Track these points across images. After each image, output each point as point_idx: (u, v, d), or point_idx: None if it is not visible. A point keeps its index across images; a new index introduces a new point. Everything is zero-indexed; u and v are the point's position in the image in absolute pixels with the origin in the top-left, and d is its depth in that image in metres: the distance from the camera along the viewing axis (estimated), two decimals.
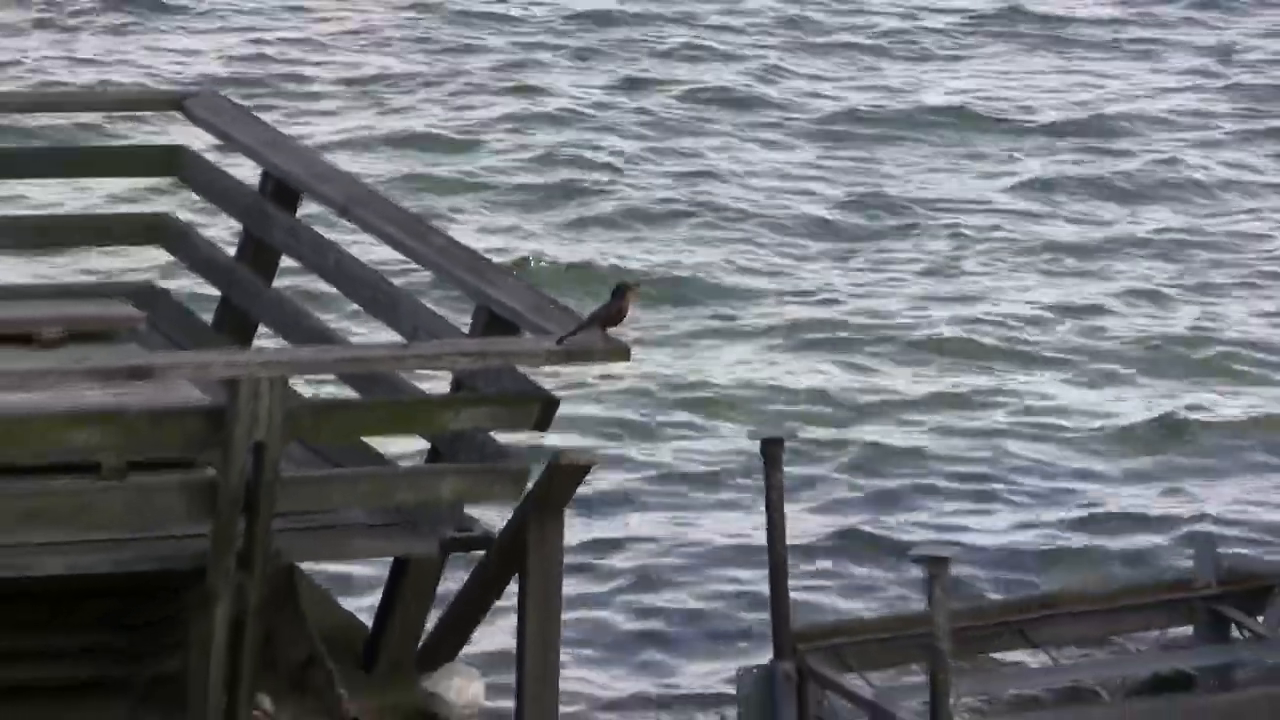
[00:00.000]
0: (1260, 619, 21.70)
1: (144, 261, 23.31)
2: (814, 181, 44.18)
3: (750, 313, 35.47)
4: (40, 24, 50.05)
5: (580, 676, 20.97)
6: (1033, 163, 46.21)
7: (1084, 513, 30.26)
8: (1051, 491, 30.97)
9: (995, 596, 24.61)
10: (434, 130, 45.55)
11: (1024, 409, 33.11)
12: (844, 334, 35.80)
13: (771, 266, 38.65)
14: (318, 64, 49.99)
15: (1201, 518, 27.39)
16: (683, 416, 31.50)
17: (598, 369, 19.31)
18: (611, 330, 18.09)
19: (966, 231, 41.53)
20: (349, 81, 49.23)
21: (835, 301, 37.27)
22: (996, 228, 41.91)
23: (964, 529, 29.17)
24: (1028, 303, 37.59)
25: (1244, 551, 24.57)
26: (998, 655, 21.94)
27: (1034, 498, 30.71)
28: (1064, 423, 32.78)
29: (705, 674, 26.12)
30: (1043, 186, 44.69)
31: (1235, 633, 21.88)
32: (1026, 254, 40.43)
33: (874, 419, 32.54)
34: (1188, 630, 22.18)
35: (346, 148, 42.59)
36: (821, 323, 36.21)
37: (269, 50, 50.73)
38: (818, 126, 48.00)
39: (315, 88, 48.47)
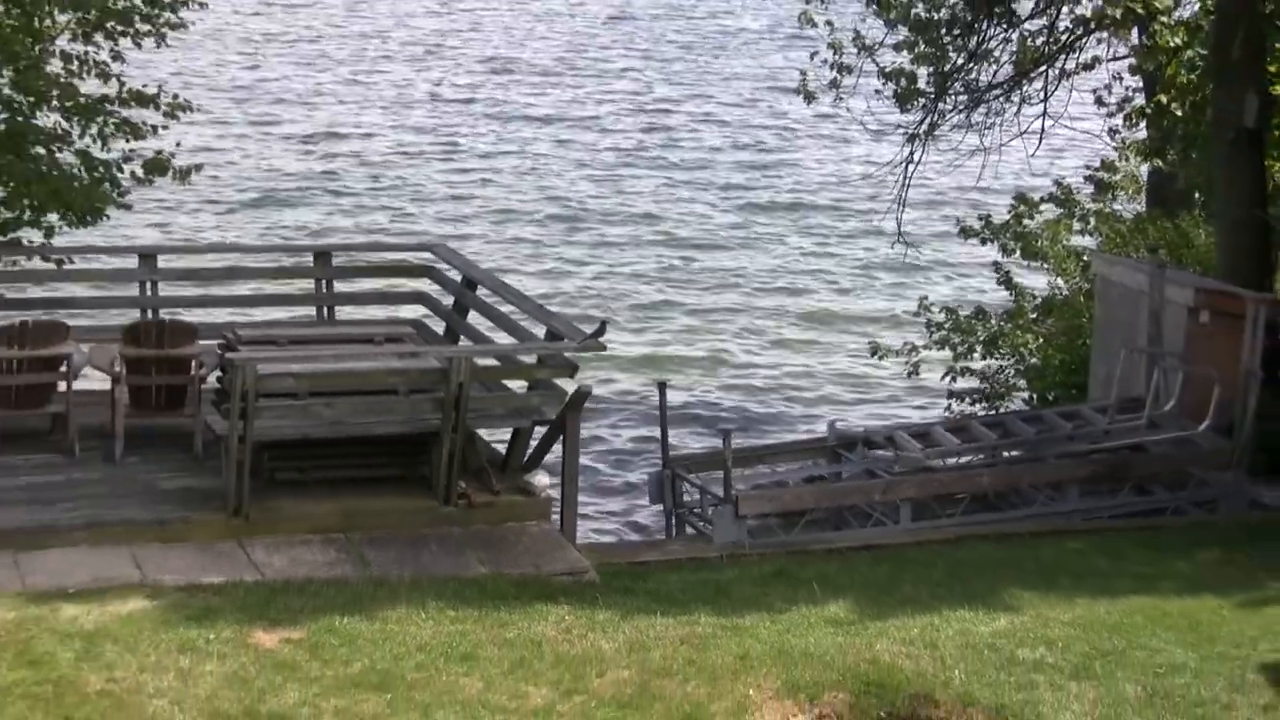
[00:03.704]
0: (851, 455, 21.75)
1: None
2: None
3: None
4: None
5: (583, 481, 20.74)
6: None
7: (781, 412, 30.29)
8: (777, 401, 30.93)
9: (751, 443, 24.49)
10: None
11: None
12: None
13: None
14: None
15: (833, 417, 27.27)
16: (624, 374, 31.49)
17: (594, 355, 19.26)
18: (599, 338, 18.29)
19: None
20: None
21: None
22: None
23: (743, 418, 29.21)
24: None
25: (846, 424, 24.62)
26: (749, 469, 21.81)
27: (775, 404, 30.64)
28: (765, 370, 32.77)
29: (633, 476, 26.09)
30: None
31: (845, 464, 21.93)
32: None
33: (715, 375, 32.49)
34: (821, 460, 22.13)
35: None
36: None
37: None
38: None
39: None
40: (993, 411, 26.11)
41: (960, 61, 27.71)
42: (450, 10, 79.60)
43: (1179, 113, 27.35)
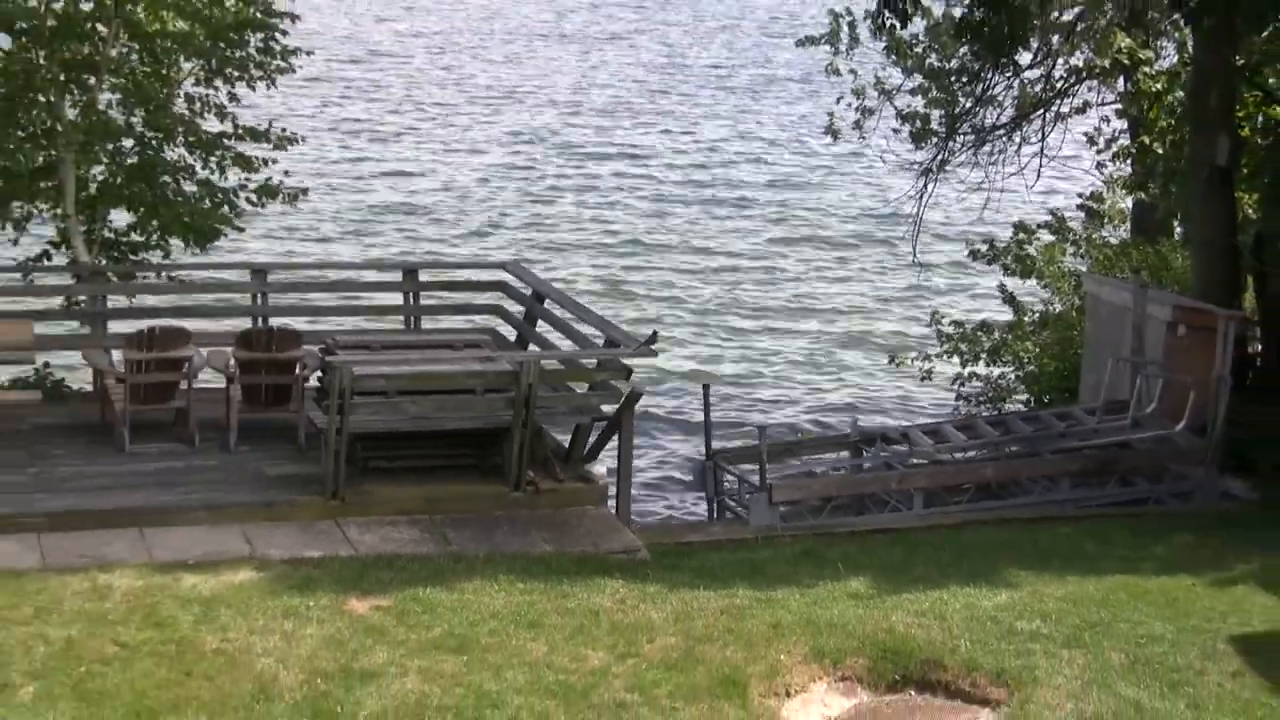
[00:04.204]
0: (871, 449, 21.67)
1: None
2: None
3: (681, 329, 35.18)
4: None
5: (636, 471, 20.67)
6: None
7: (810, 412, 30.20)
8: (807, 402, 30.83)
9: (783, 438, 24.40)
10: None
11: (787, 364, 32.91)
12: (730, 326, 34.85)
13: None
14: None
15: (855, 417, 27.10)
16: (673, 377, 31.39)
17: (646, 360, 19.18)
18: (651, 346, 18.23)
19: None
20: None
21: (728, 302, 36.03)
22: None
23: (776, 416, 29.09)
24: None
25: (867, 422, 24.48)
26: (781, 461, 21.74)
27: (805, 404, 30.55)
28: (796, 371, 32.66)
29: (680, 465, 26.05)
30: None
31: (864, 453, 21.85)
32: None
33: (752, 380, 32.39)
34: (845, 453, 22.08)
35: None
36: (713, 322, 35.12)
37: None
38: None
39: None
40: (995, 412, 25.99)
41: (968, 105, 27.71)
42: (523, 60, 79.72)
43: (1160, 151, 27.29)
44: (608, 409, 18.36)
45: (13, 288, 20.98)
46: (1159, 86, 27.14)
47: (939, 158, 27.75)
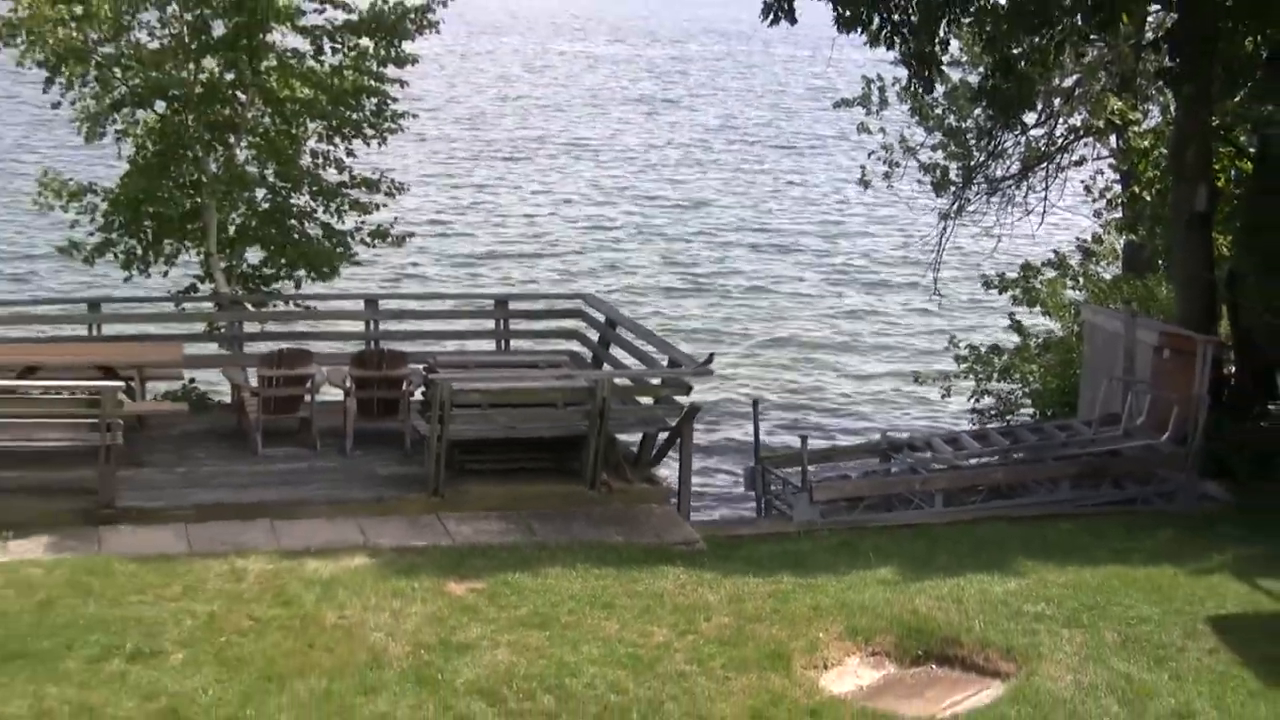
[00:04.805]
0: (898, 455, 21.57)
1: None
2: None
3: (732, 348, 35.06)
4: None
5: (695, 474, 20.57)
6: None
7: (846, 424, 30.08)
8: (842, 414, 30.71)
9: (822, 446, 24.25)
10: None
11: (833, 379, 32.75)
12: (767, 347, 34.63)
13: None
14: None
15: (884, 427, 26.91)
16: (728, 397, 31.29)
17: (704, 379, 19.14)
18: (709, 366, 18.18)
19: None
20: None
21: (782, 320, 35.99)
22: None
23: (816, 427, 28.96)
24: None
25: (895, 432, 24.28)
26: (821, 465, 21.62)
27: (841, 417, 30.43)
28: (840, 388, 32.53)
29: (734, 469, 25.95)
30: None
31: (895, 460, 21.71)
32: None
33: (796, 395, 32.29)
34: (875, 459, 21.96)
35: None
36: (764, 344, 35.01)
37: None
38: None
39: None
40: (1005, 424, 25.84)
41: (982, 159, 27.66)
42: (597, 121, 79.85)
43: (1147, 199, 27.17)
44: (671, 420, 18.31)
45: (165, 315, 21.16)
46: (1146, 143, 27.08)
47: (957, 205, 27.71)
